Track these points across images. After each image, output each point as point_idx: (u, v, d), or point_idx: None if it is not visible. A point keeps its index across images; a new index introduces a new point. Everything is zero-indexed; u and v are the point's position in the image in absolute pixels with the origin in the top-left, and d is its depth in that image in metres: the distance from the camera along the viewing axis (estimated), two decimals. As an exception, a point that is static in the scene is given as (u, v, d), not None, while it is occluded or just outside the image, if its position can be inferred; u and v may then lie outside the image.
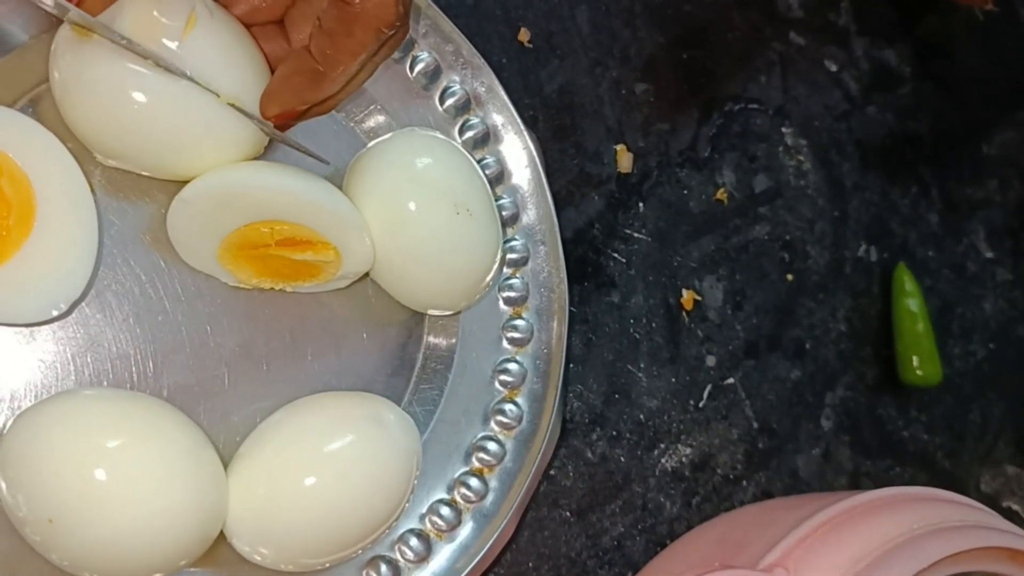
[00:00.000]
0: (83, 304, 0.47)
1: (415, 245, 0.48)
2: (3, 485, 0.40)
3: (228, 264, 0.47)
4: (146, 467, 0.41)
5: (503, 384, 0.52)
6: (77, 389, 0.46)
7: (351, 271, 0.48)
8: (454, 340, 0.52)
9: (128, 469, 0.40)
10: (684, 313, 0.61)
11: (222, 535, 0.44)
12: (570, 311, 0.55)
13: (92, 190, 0.45)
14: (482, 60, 0.53)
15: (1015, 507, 0.69)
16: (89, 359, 0.47)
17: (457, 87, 0.53)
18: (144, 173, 0.47)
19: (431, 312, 0.52)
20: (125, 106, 0.43)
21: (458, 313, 0.52)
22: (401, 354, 0.52)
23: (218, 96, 0.44)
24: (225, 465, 0.45)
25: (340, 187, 0.48)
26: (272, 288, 0.49)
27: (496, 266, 0.51)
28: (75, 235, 0.45)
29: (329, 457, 0.44)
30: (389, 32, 0.42)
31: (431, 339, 0.52)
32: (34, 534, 0.40)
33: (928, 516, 0.46)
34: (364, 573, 0.47)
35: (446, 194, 0.48)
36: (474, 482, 0.50)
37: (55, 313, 0.45)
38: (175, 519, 0.41)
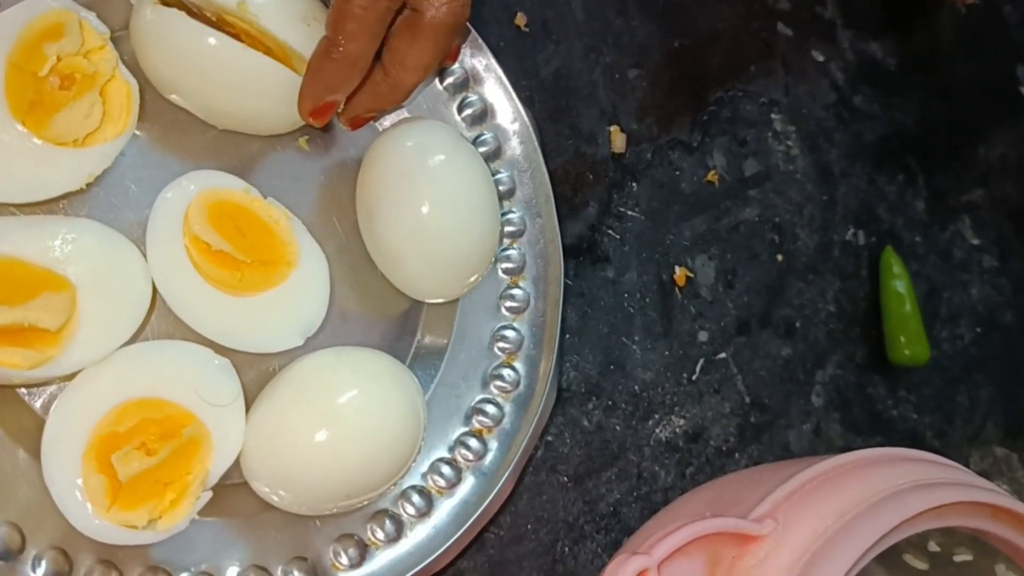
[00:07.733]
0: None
1: (426, 242, 0.51)
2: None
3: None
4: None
5: (501, 350, 0.53)
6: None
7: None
8: (454, 308, 0.53)
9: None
10: (677, 289, 0.62)
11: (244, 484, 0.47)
12: (567, 284, 0.57)
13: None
14: (480, 40, 0.55)
15: (1004, 487, 0.70)
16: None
17: (456, 65, 0.55)
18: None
19: (430, 301, 0.54)
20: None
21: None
22: (403, 320, 0.53)
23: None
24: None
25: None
26: None
27: (492, 257, 0.54)
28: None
29: (343, 407, 0.47)
30: (452, 40, 0.47)
31: (432, 306, 0.54)
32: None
33: (913, 473, 0.47)
34: (369, 527, 0.48)
35: (456, 195, 0.51)
36: (474, 442, 0.51)
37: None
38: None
